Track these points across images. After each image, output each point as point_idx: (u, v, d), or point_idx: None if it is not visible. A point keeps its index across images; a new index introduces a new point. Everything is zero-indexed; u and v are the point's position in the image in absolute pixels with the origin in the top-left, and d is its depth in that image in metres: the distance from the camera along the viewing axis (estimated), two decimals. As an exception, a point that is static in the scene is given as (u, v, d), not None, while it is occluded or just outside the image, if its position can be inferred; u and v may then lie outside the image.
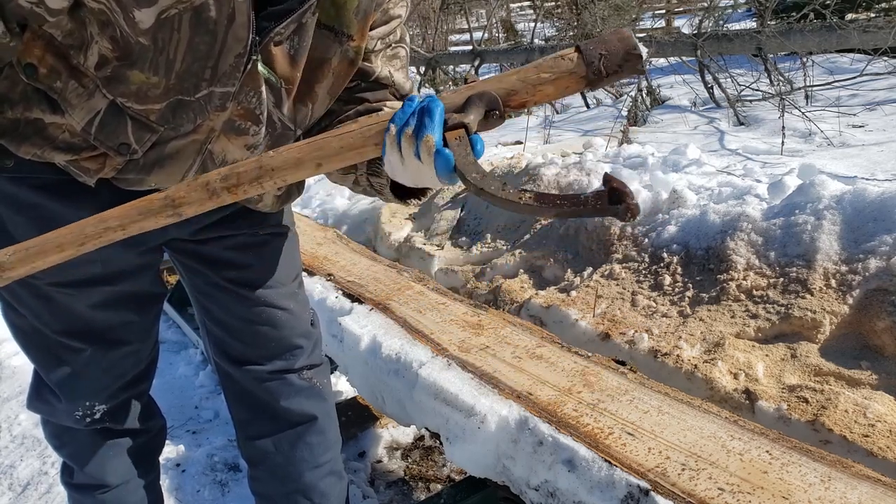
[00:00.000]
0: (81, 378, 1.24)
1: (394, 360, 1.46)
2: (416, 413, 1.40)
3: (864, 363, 1.85)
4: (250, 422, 1.41)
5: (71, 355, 1.22)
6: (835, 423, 1.62)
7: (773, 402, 1.75)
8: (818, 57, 6.10)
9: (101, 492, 1.37)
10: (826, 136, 4.38)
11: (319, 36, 1.04)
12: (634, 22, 7.57)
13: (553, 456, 1.10)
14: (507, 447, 1.19)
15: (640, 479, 0.98)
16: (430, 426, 1.38)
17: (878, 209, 2.09)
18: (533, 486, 1.14)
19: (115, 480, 1.38)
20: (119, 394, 1.31)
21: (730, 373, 1.89)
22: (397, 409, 1.48)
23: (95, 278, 1.17)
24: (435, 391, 1.34)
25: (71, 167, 1.05)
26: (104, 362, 1.25)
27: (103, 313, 1.22)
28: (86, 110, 0.98)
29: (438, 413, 1.32)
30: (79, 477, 1.37)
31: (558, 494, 1.09)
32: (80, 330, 1.21)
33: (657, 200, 2.72)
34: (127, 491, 1.40)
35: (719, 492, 0.92)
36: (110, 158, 1.03)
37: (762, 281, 2.16)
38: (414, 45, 9.33)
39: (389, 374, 1.46)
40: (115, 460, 1.37)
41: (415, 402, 1.39)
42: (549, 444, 1.11)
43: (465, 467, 1.29)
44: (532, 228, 3.04)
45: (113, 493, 1.38)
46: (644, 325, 2.19)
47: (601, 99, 7.41)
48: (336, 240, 2.28)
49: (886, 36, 4.67)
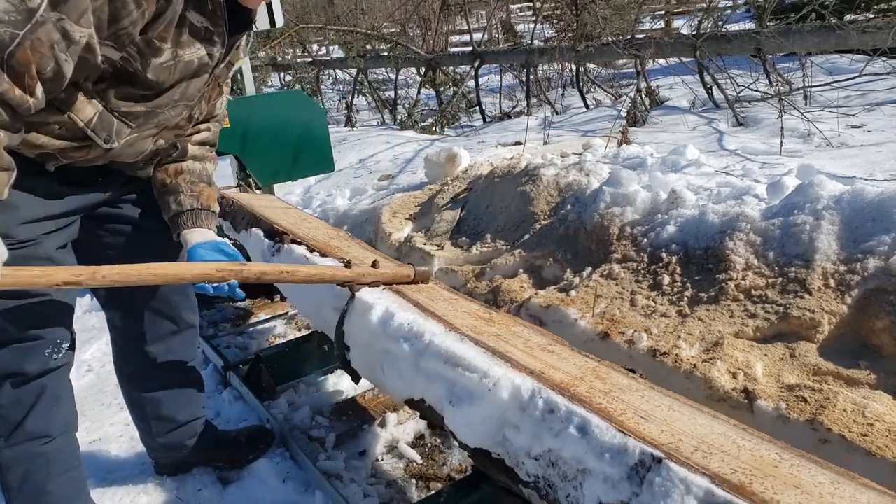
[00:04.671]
0: (57, 317, 1.49)
1: (405, 329, 1.46)
2: (419, 381, 1.38)
3: (863, 363, 1.86)
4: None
5: (41, 299, 1.45)
6: (833, 423, 1.63)
7: (772, 401, 1.76)
8: (817, 57, 6.11)
9: (44, 442, 1.51)
10: (825, 136, 4.39)
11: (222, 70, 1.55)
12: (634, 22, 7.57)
13: (564, 423, 1.10)
14: (513, 415, 1.18)
15: (654, 449, 0.98)
16: (431, 395, 1.36)
17: (877, 209, 2.10)
18: (533, 455, 1.13)
19: (56, 431, 1.54)
20: (71, 331, 1.56)
21: (728, 372, 1.90)
22: (396, 378, 1.46)
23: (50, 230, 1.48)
24: (446, 357, 1.33)
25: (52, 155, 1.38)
26: (64, 300, 1.50)
27: (62, 255, 1.50)
28: (86, 112, 1.34)
29: (446, 378, 1.31)
30: (17, 435, 1.49)
31: (560, 464, 1.08)
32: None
33: (656, 201, 2.72)
34: (66, 440, 1.58)
35: (732, 471, 0.93)
36: (94, 147, 1.40)
37: (761, 281, 2.17)
38: (414, 45, 9.34)
39: (398, 340, 1.45)
40: (59, 411, 1.55)
41: (420, 369, 1.38)
42: (562, 412, 1.11)
43: (462, 435, 1.27)
44: (532, 229, 3.05)
45: (55, 442, 1.55)
46: (643, 325, 2.20)
47: (601, 100, 7.42)
48: (347, 237, 2.30)
49: (885, 36, 4.68)
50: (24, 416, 1.49)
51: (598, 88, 7.87)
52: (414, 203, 3.98)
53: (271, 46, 10.17)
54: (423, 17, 10.39)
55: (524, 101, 7.76)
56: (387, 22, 11.30)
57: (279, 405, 2.31)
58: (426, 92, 9.23)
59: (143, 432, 1.93)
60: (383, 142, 6.38)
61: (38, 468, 1.53)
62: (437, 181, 4.20)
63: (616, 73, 8.82)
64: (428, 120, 7.99)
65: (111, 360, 1.88)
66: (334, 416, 2.24)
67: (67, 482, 1.59)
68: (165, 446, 1.91)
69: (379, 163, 5.67)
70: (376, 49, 9.57)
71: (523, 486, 1.18)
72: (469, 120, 8.22)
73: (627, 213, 2.72)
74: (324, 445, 2.06)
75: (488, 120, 7.83)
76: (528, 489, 1.17)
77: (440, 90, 8.83)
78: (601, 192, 2.86)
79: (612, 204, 2.79)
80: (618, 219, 2.73)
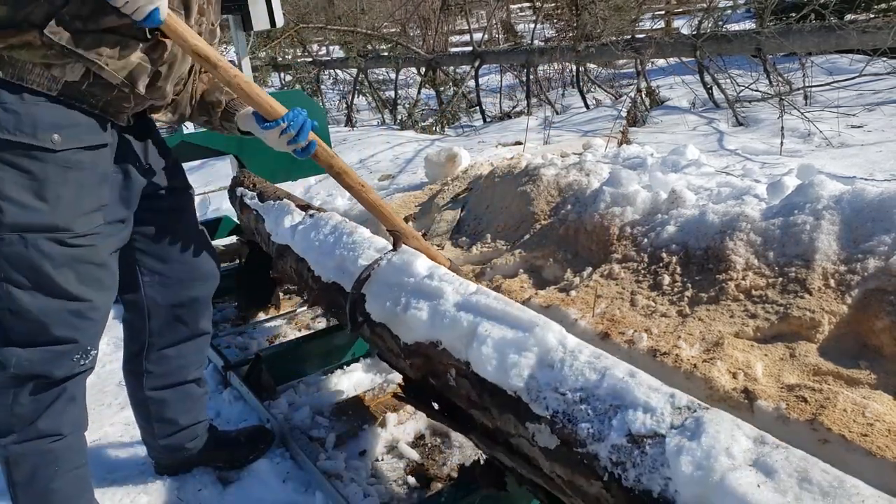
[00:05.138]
0: (95, 323, 1.51)
1: (450, 277, 1.48)
2: (455, 323, 1.35)
3: (863, 363, 1.85)
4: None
5: (86, 304, 1.47)
6: (833, 423, 1.63)
7: (772, 401, 1.76)
8: (817, 57, 6.11)
9: (55, 440, 1.53)
10: (825, 136, 4.39)
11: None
12: (634, 22, 7.57)
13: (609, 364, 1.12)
14: (555, 353, 1.18)
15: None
16: (454, 335, 1.33)
17: (877, 209, 2.10)
18: (561, 391, 1.11)
19: (67, 430, 1.55)
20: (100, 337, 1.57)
21: (729, 372, 1.90)
22: (429, 318, 1.41)
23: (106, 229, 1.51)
24: (497, 304, 1.33)
25: (111, 110, 1.44)
26: (105, 307, 1.53)
27: (113, 261, 1.54)
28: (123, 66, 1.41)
29: (493, 318, 1.29)
30: (29, 432, 1.49)
31: (591, 399, 1.06)
32: (96, 278, 1.48)
33: (656, 201, 2.72)
34: (75, 439, 1.58)
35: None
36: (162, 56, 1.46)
37: (761, 281, 2.17)
38: (414, 45, 9.34)
39: (442, 282, 1.45)
40: (73, 410, 1.55)
41: (463, 312, 1.35)
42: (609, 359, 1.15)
43: (484, 371, 1.24)
44: (532, 229, 3.05)
45: (65, 440, 1.55)
46: (643, 325, 2.20)
47: (601, 100, 7.42)
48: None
49: (885, 36, 4.68)
50: (39, 415, 1.50)
51: (598, 88, 7.88)
52: (414, 203, 3.99)
53: (271, 46, 10.17)
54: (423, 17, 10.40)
55: (524, 101, 7.76)
56: (387, 22, 11.31)
57: (279, 405, 2.31)
58: (426, 92, 9.23)
59: (146, 432, 1.94)
60: (383, 142, 6.38)
61: (47, 465, 1.53)
62: (437, 181, 4.20)
63: (616, 73, 8.82)
64: (428, 120, 7.99)
65: (111, 360, 1.88)
66: (334, 416, 2.24)
67: (74, 480, 1.59)
68: (167, 448, 1.92)
69: (379, 163, 5.67)
70: (376, 49, 9.57)
71: (531, 420, 1.14)
72: (469, 120, 8.22)
73: (627, 213, 2.72)
74: (324, 445, 2.06)
75: (488, 120, 7.83)
76: (537, 423, 1.13)
77: (440, 90, 8.84)
78: (601, 192, 2.86)
79: (612, 204, 2.79)
80: (618, 219, 2.73)
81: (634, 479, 0.93)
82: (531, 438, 1.13)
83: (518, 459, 1.21)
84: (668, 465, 0.90)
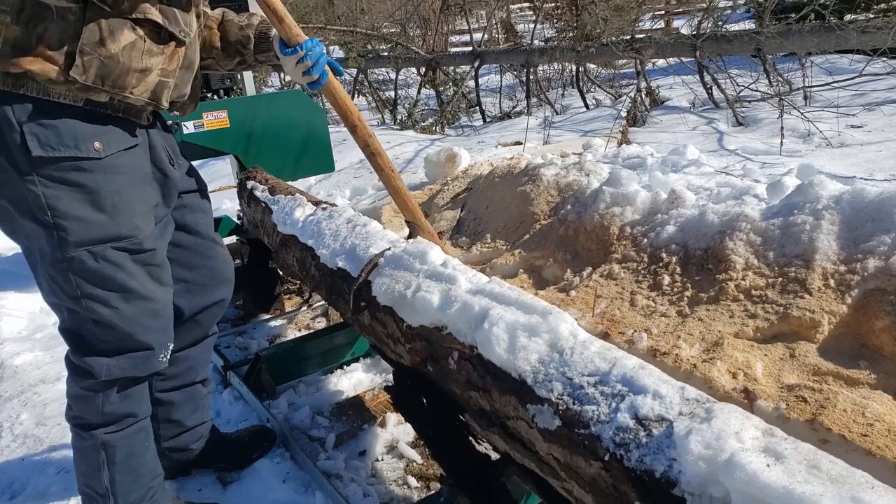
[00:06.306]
0: (168, 320, 1.58)
1: (463, 267, 1.50)
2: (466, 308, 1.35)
3: (863, 363, 1.85)
4: None
5: (160, 304, 1.53)
6: (833, 423, 1.63)
7: (772, 401, 1.76)
8: (817, 58, 6.11)
9: (139, 419, 1.63)
10: (825, 136, 4.39)
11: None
12: (634, 23, 7.57)
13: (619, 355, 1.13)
14: (566, 342, 1.19)
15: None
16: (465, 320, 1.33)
17: (877, 209, 2.10)
18: (569, 375, 1.12)
19: (145, 412, 1.65)
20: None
21: (728, 372, 1.90)
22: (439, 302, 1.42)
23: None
24: (511, 293, 1.34)
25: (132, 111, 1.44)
26: (171, 303, 1.60)
27: (167, 259, 1.59)
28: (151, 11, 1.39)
29: (510, 304, 1.31)
30: (123, 423, 1.59)
31: (600, 385, 1.07)
32: (161, 278, 1.54)
33: (656, 201, 2.72)
34: (147, 422, 1.68)
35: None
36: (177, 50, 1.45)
37: (761, 281, 2.17)
38: (414, 45, 9.34)
39: (455, 271, 1.47)
40: (147, 394, 1.66)
41: (476, 299, 1.36)
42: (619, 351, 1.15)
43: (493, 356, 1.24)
44: (532, 229, 3.05)
45: (146, 419, 1.67)
46: (643, 325, 2.20)
47: (601, 100, 7.42)
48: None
49: (885, 36, 4.68)
50: (128, 408, 1.58)
51: (598, 88, 7.87)
52: (414, 203, 3.98)
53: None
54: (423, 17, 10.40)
55: (524, 101, 7.76)
56: (387, 22, 11.30)
57: (279, 405, 2.31)
58: (426, 92, 9.23)
59: None
60: (383, 142, 6.36)
61: (136, 444, 1.63)
62: (437, 181, 4.21)
63: (616, 73, 8.82)
64: (428, 120, 7.99)
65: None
66: (334, 416, 2.24)
67: (152, 452, 1.70)
68: (170, 449, 1.92)
69: (379, 163, 5.66)
70: (376, 49, 9.57)
71: (533, 402, 1.14)
72: (469, 120, 8.22)
73: (627, 213, 2.72)
74: (324, 445, 2.06)
75: (488, 120, 7.83)
76: (539, 405, 1.13)
77: (440, 90, 8.83)
78: (601, 192, 2.86)
79: (612, 204, 2.79)
80: (618, 219, 2.73)
81: (637, 460, 0.93)
82: (531, 420, 1.14)
83: (512, 441, 1.22)
84: (675, 447, 0.91)
